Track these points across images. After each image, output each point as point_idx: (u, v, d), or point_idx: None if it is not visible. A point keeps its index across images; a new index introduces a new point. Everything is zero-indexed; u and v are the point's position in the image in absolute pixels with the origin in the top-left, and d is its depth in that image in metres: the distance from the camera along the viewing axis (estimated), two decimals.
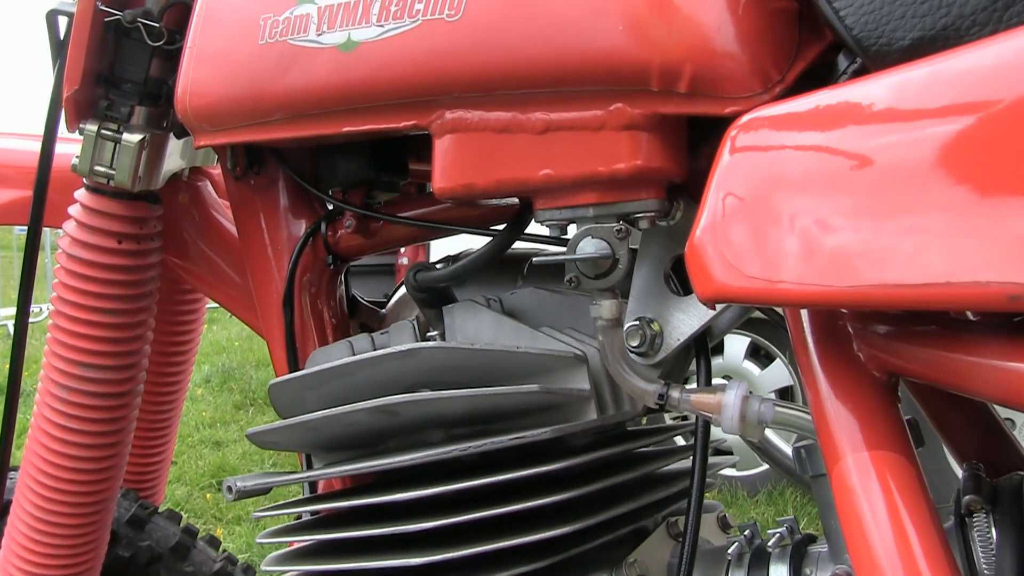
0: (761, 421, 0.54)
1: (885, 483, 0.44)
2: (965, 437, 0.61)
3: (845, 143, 0.43)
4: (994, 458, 0.59)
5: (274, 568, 0.67)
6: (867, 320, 0.48)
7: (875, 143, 0.42)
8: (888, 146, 0.41)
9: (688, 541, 0.58)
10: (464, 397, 0.56)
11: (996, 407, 0.63)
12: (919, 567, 0.42)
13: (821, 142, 0.44)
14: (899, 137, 0.41)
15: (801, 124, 0.45)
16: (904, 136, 0.41)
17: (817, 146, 0.44)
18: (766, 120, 0.46)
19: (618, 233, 0.58)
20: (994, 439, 0.60)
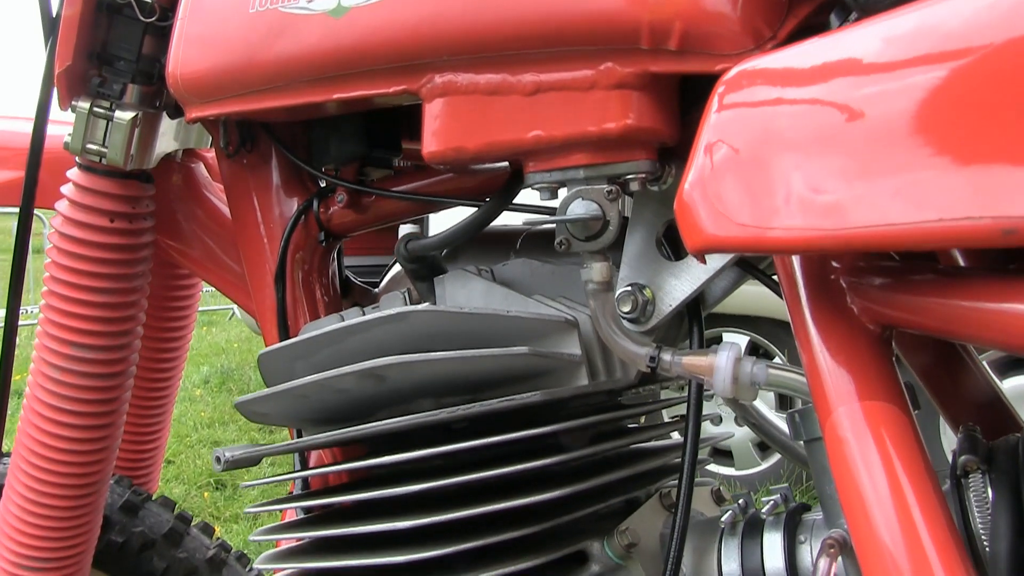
0: (754, 382, 0.53)
1: (878, 434, 0.43)
2: (960, 403, 0.61)
3: (834, 89, 0.42)
4: (989, 423, 0.58)
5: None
6: (860, 273, 0.48)
7: (864, 87, 0.41)
8: (877, 89, 0.41)
9: (681, 507, 0.57)
10: (452, 359, 0.56)
11: (990, 374, 0.62)
12: (913, 516, 0.41)
13: (810, 88, 0.43)
14: (888, 80, 0.41)
15: (790, 72, 0.45)
16: (893, 79, 0.40)
17: (806, 93, 0.44)
18: (755, 70, 0.46)
19: (609, 195, 0.57)
20: (989, 404, 0.60)
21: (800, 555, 0.58)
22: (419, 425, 0.56)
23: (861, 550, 0.43)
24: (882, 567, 0.42)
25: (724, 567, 0.60)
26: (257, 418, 0.69)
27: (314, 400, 0.63)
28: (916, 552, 0.41)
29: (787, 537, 0.58)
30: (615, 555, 0.60)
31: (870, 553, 0.42)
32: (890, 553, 0.42)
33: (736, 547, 0.60)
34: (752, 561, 0.59)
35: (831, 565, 0.53)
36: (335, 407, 0.63)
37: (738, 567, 0.59)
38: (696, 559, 0.61)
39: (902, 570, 0.41)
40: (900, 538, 0.41)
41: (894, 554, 0.41)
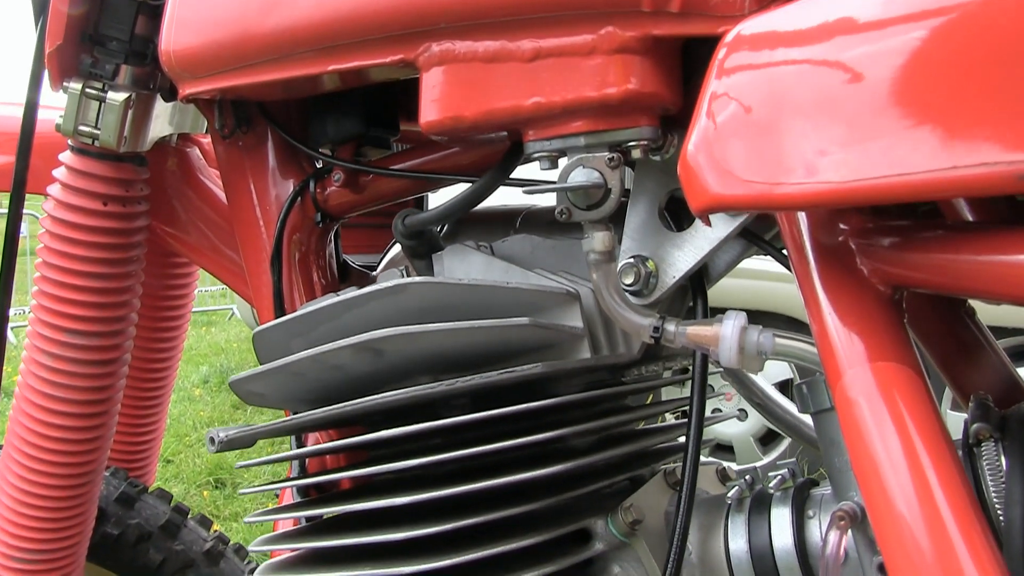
0: (760, 352, 0.52)
1: (891, 395, 0.42)
2: (969, 376, 0.59)
3: (840, 44, 0.41)
4: (999, 393, 0.57)
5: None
6: (869, 234, 0.46)
7: (870, 40, 0.40)
8: (884, 42, 0.40)
9: (686, 483, 0.56)
10: (452, 330, 0.54)
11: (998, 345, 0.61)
12: (928, 478, 0.40)
13: (815, 44, 0.42)
14: (895, 33, 0.39)
15: (794, 29, 0.44)
16: (900, 31, 0.39)
17: (811, 48, 0.42)
18: (758, 28, 0.45)
19: (610, 162, 0.56)
20: (998, 375, 0.58)
21: (809, 530, 0.57)
22: (418, 398, 0.54)
23: (875, 514, 0.42)
24: (896, 530, 0.40)
25: (731, 544, 0.58)
26: (252, 399, 0.67)
27: (310, 378, 0.62)
28: (931, 514, 0.40)
29: (795, 512, 0.57)
30: (619, 532, 0.58)
31: (884, 517, 0.41)
32: (905, 516, 0.40)
33: (743, 523, 0.58)
34: (760, 537, 0.58)
35: (841, 538, 0.52)
36: (332, 386, 0.62)
37: (745, 543, 0.58)
38: (702, 536, 0.60)
39: (917, 533, 0.40)
40: (915, 500, 0.40)
41: (908, 517, 0.40)
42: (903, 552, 0.40)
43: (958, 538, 0.39)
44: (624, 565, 0.59)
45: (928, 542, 0.39)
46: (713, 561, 0.59)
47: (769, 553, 0.57)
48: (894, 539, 0.41)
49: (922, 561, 0.39)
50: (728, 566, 0.58)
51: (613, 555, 0.59)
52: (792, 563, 0.56)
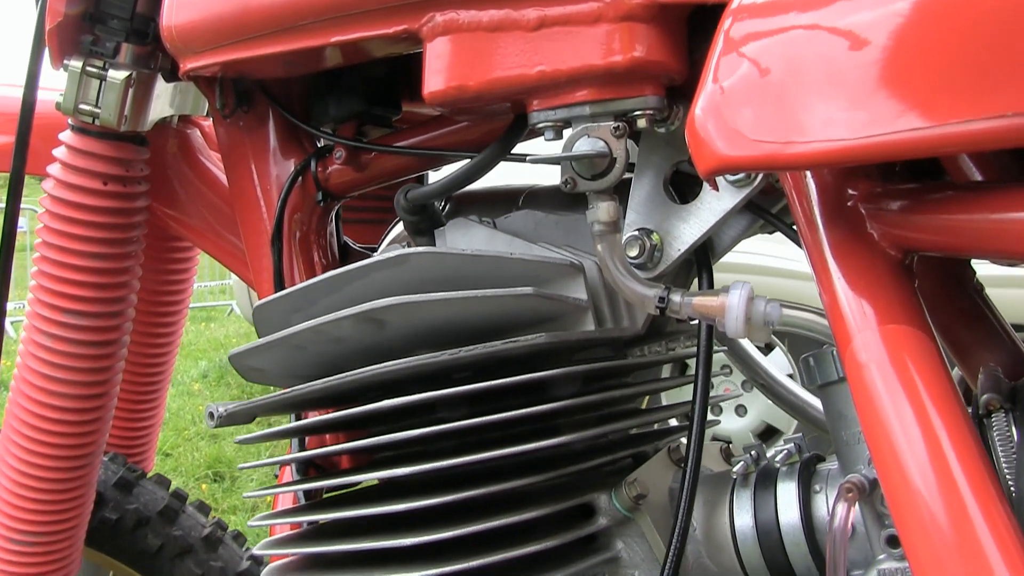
0: (767, 322, 0.51)
1: (901, 357, 0.41)
2: (976, 351, 0.59)
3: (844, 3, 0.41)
4: (1006, 367, 0.56)
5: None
6: (879, 198, 0.46)
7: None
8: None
9: (692, 455, 0.55)
10: (455, 300, 0.54)
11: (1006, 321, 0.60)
12: (940, 439, 0.40)
13: (820, 6, 0.42)
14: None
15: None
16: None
17: (816, 10, 0.42)
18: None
19: (615, 131, 0.55)
20: (1004, 349, 0.58)
21: (816, 505, 0.56)
22: (420, 368, 0.54)
23: (886, 478, 0.41)
24: (908, 493, 0.40)
25: (736, 520, 0.58)
26: (252, 375, 0.67)
27: (310, 352, 0.61)
28: (944, 475, 0.39)
29: (802, 487, 0.56)
30: (623, 507, 0.57)
31: (895, 480, 0.40)
32: (917, 479, 0.40)
33: (749, 499, 0.58)
34: (766, 513, 0.57)
35: (849, 510, 0.51)
36: (333, 360, 0.61)
37: (751, 519, 0.57)
38: (707, 512, 0.59)
39: (929, 495, 0.39)
40: (927, 463, 0.40)
41: (921, 480, 0.39)
42: (915, 514, 0.39)
43: (971, 500, 0.38)
44: (628, 541, 0.59)
45: (941, 504, 0.39)
46: (718, 537, 0.58)
47: (775, 528, 0.56)
48: (906, 502, 0.40)
49: (934, 522, 0.39)
50: (733, 542, 0.57)
51: (616, 530, 0.59)
52: (799, 538, 0.56)
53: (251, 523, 0.67)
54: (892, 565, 0.51)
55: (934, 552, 0.39)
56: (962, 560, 0.39)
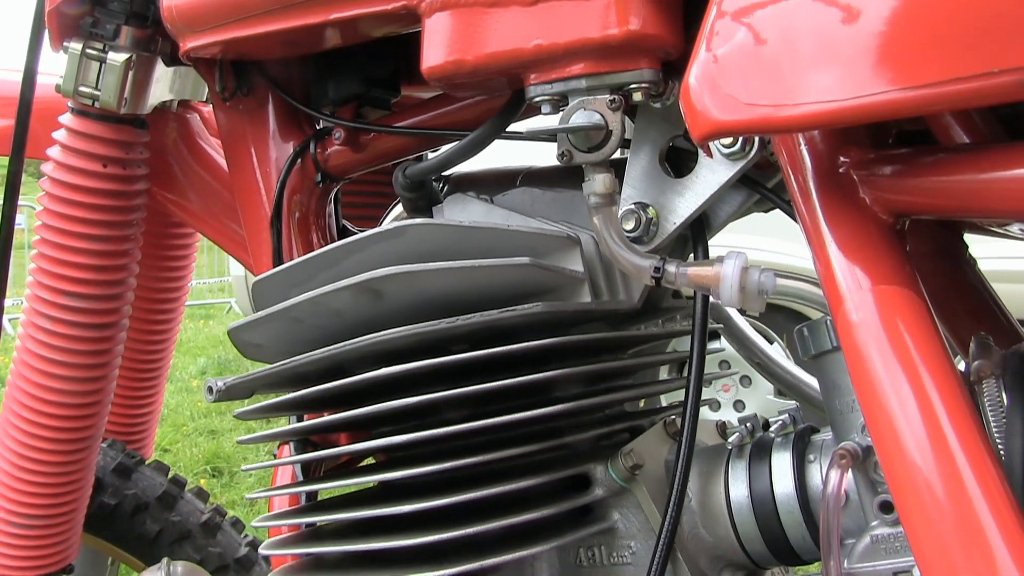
0: (762, 291, 0.52)
1: (892, 317, 0.42)
2: (968, 325, 0.59)
3: None
4: (997, 341, 0.57)
5: (271, 552, 0.64)
6: (871, 164, 0.46)
7: None
8: None
9: (687, 424, 0.56)
10: (453, 269, 0.54)
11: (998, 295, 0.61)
12: (930, 396, 0.40)
13: None
14: None
15: None
16: None
17: None
18: None
19: (611, 104, 0.56)
20: (993, 320, 0.58)
21: (810, 475, 0.57)
22: (418, 337, 0.54)
23: (878, 437, 0.41)
24: (900, 451, 0.40)
25: (732, 490, 0.58)
26: (250, 350, 0.67)
27: (309, 325, 0.62)
28: (936, 432, 0.40)
29: (796, 457, 0.57)
30: (619, 477, 0.58)
31: (887, 439, 0.41)
32: (908, 437, 0.40)
33: (744, 469, 0.58)
34: (761, 483, 0.57)
35: (842, 476, 0.52)
36: (331, 334, 0.62)
37: (746, 489, 0.58)
38: (702, 483, 0.59)
39: (921, 451, 0.40)
40: (919, 420, 0.40)
41: (913, 437, 0.40)
42: (906, 470, 0.40)
43: (961, 455, 0.39)
44: (624, 511, 0.59)
45: (932, 458, 0.39)
46: (714, 507, 0.58)
47: (770, 498, 0.57)
48: (898, 460, 0.41)
49: (925, 477, 0.39)
50: (729, 512, 0.58)
51: (613, 501, 0.59)
52: (793, 507, 0.56)
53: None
54: (885, 531, 0.52)
55: (924, 508, 0.40)
56: (954, 519, 0.40)
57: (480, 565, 0.53)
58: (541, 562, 0.60)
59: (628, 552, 0.59)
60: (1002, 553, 0.39)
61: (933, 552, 0.40)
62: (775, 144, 0.54)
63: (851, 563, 0.52)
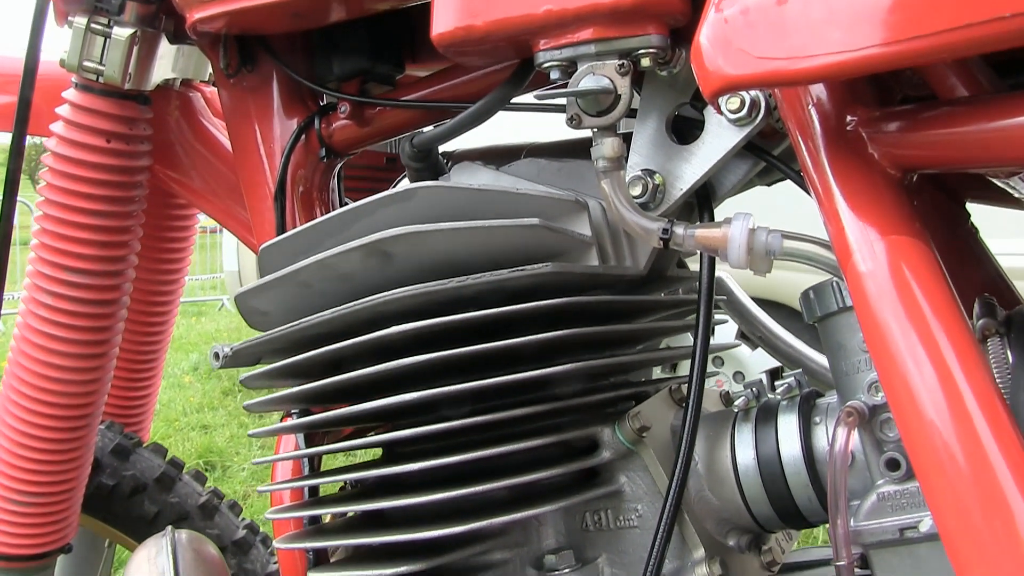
0: (769, 252, 0.53)
1: (899, 265, 0.42)
2: (970, 291, 0.60)
3: None
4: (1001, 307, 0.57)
5: (285, 545, 0.63)
6: (878, 121, 0.47)
7: None
8: None
9: (695, 385, 0.56)
10: (461, 230, 0.54)
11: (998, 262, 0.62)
12: (938, 342, 0.41)
13: None
14: None
15: None
16: None
17: None
18: None
19: (620, 68, 0.56)
20: (993, 283, 0.59)
21: (816, 437, 0.57)
22: (427, 297, 0.54)
23: (889, 386, 0.42)
24: (912, 400, 0.41)
25: (738, 453, 0.58)
26: (256, 318, 0.67)
27: (317, 290, 0.62)
28: (946, 377, 0.40)
29: (802, 419, 0.57)
30: (626, 440, 0.58)
31: (899, 387, 0.41)
32: (918, 382, 0.41)
33: (750, 432, 0.59)
34: (767, 445, 0.58)
35: (849, 434, 0.52)
36: (339, 299, 0.62)
37: (753, 452, 0.58)
38: (708, 447, 0.60)
39: (931, 394, 0.40)
40: (930, 367, 0.41)
41: (922, 382, 0.40)
42: (919, 419, 0.40)
43: (971, 398, 0.40)
44: (631, 475, 0.59)
45: (945, 406, 0.40)
46: (720, 470, 0.59)
47: (776, 460, 0.57)
48: (911, 410, 0.41)
49: (937, 426, 0.40)
50: (735, 474, 0.58)
51: (620, 464, 0.59)
52: (800, 468, 0.56)
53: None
54: (891, 488, 0.52)
55: (937, 453, 0.40)
56: (969, 467, 0.40)
57: (487, 523, 0.54)
58: (547, 527, 0.61)
59: (635, 515, 0.59)
60: (1018, 504, 0.39)
61: (948, 501, 0.40)
62: (782, 108, 0.55)
63: (857, 521, 0.52)
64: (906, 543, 0.51)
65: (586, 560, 0.60)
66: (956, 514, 0.41)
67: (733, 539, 0.59)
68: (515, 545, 0.59)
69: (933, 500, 0.42)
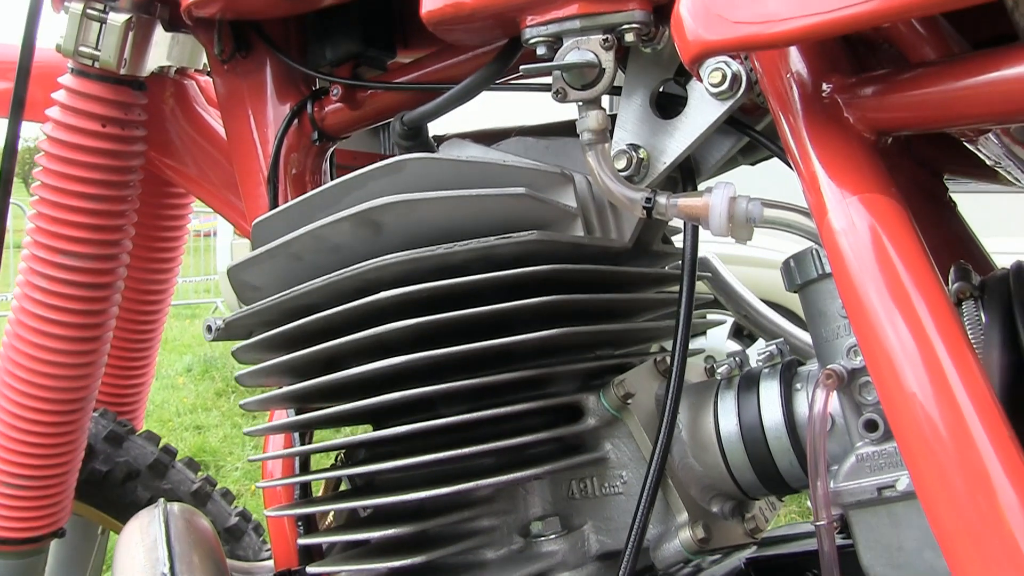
0: (750, 219, 0.54)
1: (872, 222, 0.44)
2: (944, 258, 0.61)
3: None
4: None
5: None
6: (853, 87, 0.48)
7: None
8: None
9: (678, 350, 0.57)
10: (449, 198, 0.56)
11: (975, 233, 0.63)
12: (910, 296, 0.42)
13: None
14: None
15: None
16: None
17: None
18: None
19: (604, 43, 0.58)
20: (967, 251, 0.60)
21: (797, 402, 0.58)
22: (416, 263, 0.55)
23: (864, 340, 0.43)
24: (885, 352, 0.42)
25: (721, 419, 0.60)
26: (247, 293, 0.68)
27: (308, 263, 0.63)
28: (918, 329, 0.41)
29: (783, 386, 0.58)
30: (611, 406, 0.59)
31: (873, 341, 0.42)
32: (891, 336, 0.42)
33: (733, 399, 0.60)
34: (749, 412, 0.59)
35: (828, 396, 0.53)
36: (330, 270, 0.63)
37: (735, 418, 0.59)
38: (692, 414, 0.61)
39: (907, 350, 0.41)
40: (903, 322, 0.42)
41: (896, 336, 0.42)
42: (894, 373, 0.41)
43: (941, 347, 0.41)
44: (615, 442, 0.60)
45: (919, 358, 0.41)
46: (703, 437, 0.60)
47: (759, 426, 0.58)
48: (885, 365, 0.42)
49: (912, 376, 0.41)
50: (718, 441, 0.59)
51: (605, 431, 0.60)
52: (781, 433, 0.57)
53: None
54: (870, 449, 0.53)
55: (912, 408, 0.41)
56: (944, 422, 0.41)
57: (473, 485, 0.54)
58: (533, 495, 0.62)
59: (620, 482, 0.60)
60: (992, 461, 0.40)
61: (925, 459, 0.41)
62: (762, 80, 0.56)
63: (837, 483, 0.53)
64: (884, 502, 0.52)
65: (572, 527, 0.60)
66: (932, 471, 0.42)
67: (717, 506, 0.60)
68: (502, 512, 0.60)
69: (910, 458, 0.43)
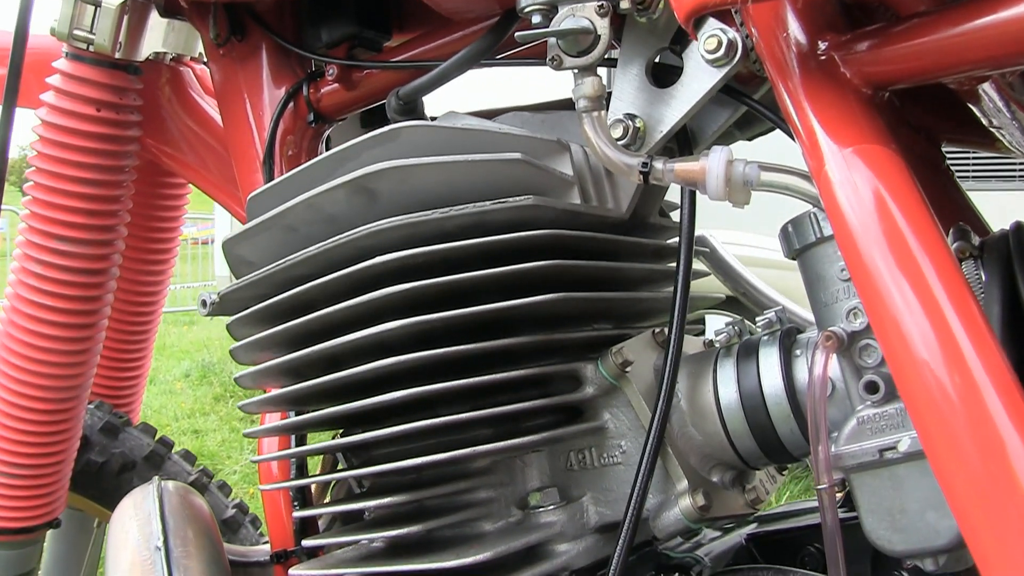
0: (747, 182, 0.53)
1: (869, 172, 0.43)
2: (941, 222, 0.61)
3: None
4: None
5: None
6: (849, 44, 0.48)
7: None
8: None
9: (676, 317, 0.57)
10: (445, 164, 0.55)
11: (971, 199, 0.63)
12: (910, 245, 0.41)
13: None
14: None
15: None
16: None
17: None
18: None
19: (600, 10, 0.57)
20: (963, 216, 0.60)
21: (797, 368, 0.57)
22: (411, 229, 0.55)
23: (864, 290, 0.43)
24: (882, 300, 0.41)
25: (720, 387, 0.59)
26: (242, 268, 0.67)
27: (303, 235, 0.62)
28: (917, 278, 0.41)
29: (783, 352, 0.58)
30: (609, 374, 0.59)
31: (873, 292, 0.42)
32: (892, 287, 0.41)
33: (732, 366, 0.59)
34: (749, 379, 0.58)
35: (827, 358, 0.53)
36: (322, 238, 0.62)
37: (735, 385, 0.58)
38: (691, 383, 0.60)
39: (907, 297, 0.41)
40: (901, 271, 0.41)
41: (896, 287, 0.41)
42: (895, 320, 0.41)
43: (943, 295, 0.40)
44: (614, 411, 0.60)
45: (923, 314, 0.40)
46: (703, 405, 0.59)
47: (758, 393, 0.58)
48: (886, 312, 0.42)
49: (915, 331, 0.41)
50: (718, 408, 0.59)
51: (603, 401, 0.60)
52: (781, 399, 0.57)
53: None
54: (871, 411, 0.52)
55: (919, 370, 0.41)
56: (951, 379, 0.40)
57: (470, 452, 0.54)
58: (531, 467, 0.61)
59: (618, 452, 0.59)
60: (1001, 417, 0.39)
61: (933, 417, 0.41)
62: (758, 45, 0.56)
63: (838, 447, 0.53)
64: (886, 464, 0.51)
65: (571, 498, 0.60)
66: (940, 430, 0.41)
67: (717, 475, 0.60)
68: (499, 484, 0.60)
69: (917, 416, 0.42)
